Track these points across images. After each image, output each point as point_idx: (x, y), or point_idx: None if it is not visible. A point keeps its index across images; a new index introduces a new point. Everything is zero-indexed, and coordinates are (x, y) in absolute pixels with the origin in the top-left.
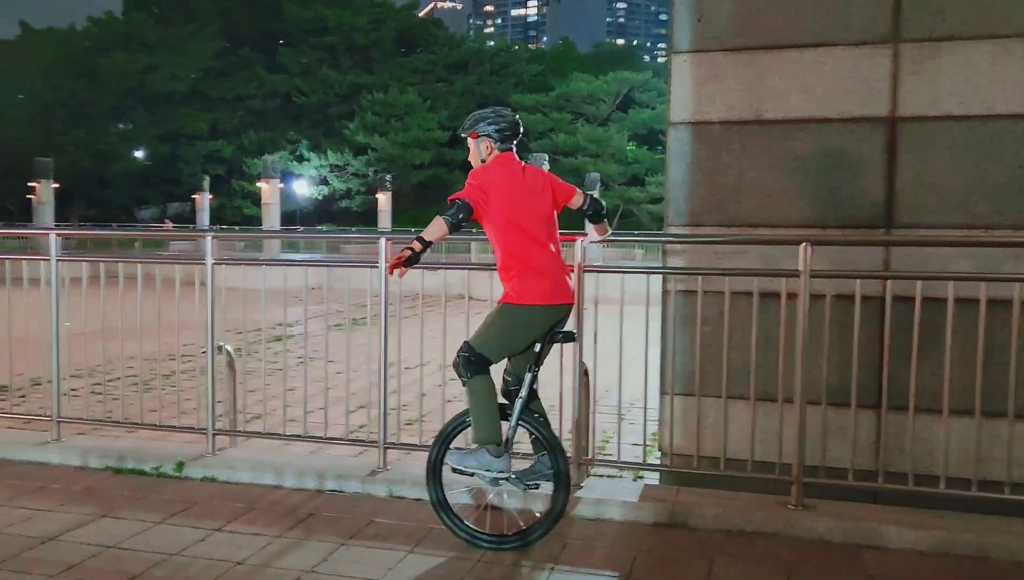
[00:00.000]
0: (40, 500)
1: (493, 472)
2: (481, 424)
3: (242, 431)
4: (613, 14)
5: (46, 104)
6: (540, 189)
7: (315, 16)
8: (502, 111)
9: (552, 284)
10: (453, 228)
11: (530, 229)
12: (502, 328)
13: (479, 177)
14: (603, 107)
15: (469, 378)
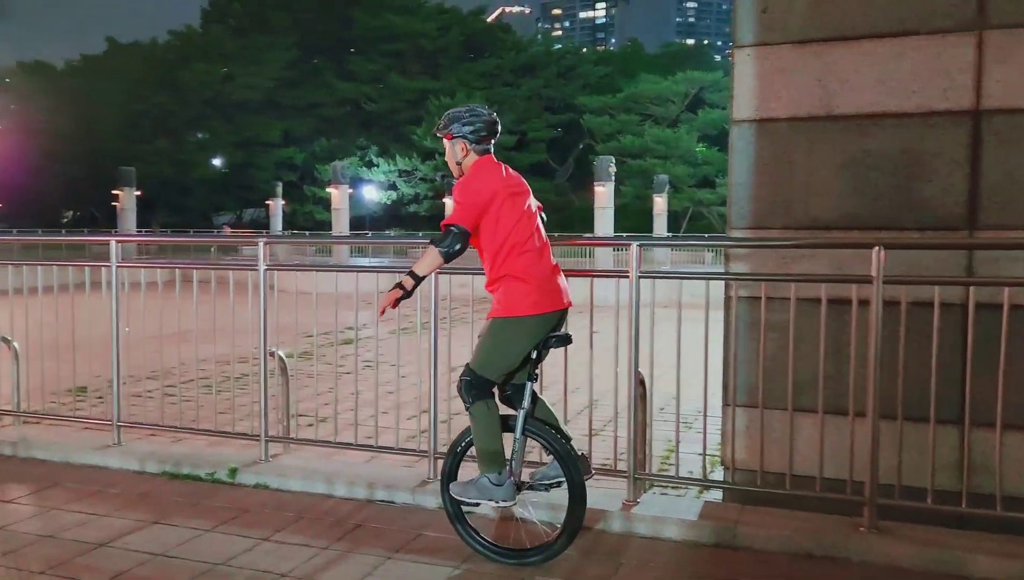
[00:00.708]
0: (97, 505)
1: (496, 501)
2: (482, 451)
3: (294, 438)
4: (683, 13)
5: (131, 115)
6: (523, 191)
7: (384, 24)
8: (477, 110)
9: (538, 292)
10: (448, 258)
11: (516, 235)
12: (495, 346)
13: (469, 191)
14: (672, 108)
15: (471, 403)
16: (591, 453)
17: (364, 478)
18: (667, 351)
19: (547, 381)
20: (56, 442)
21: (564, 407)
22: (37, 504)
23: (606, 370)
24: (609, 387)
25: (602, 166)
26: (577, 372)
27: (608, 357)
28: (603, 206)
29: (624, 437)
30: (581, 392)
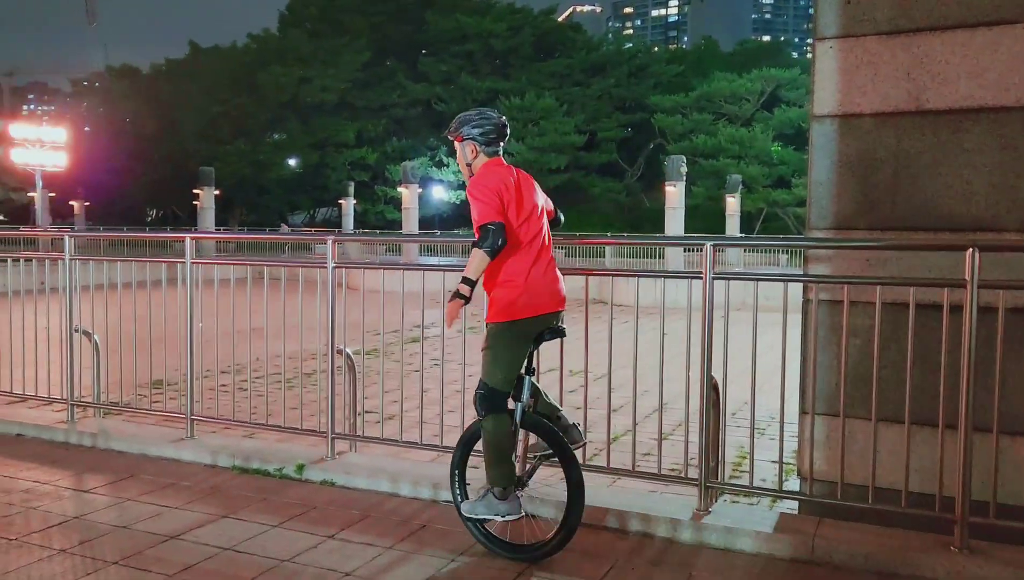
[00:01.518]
0: (169, 497)
1: (501, 516)
2: (490, 466)
3: (361, 436)
4: (759, 10)
5: (212, 117)
6: (530, 192)
7: (456, 25)
8: (487, 113)
9: (528, 295)
10: (494, 256)
11: (521, 235)
12: (496, 356)
13: (489, 188)
14: (747, 106)
15: (483, 416)
16: (660, 459)
17: (429, 478)
18: (739, 355)
19: (616, 382)
20: (134, 434)
21: (633, 410)
22: (113, 495)
23: (678, 373)
24: (679, 391)
25: (673, 166)
26: (648, 375)
27: (679, 360)
28: (674, 206)
29: (695, 443)
30: (651, 395)
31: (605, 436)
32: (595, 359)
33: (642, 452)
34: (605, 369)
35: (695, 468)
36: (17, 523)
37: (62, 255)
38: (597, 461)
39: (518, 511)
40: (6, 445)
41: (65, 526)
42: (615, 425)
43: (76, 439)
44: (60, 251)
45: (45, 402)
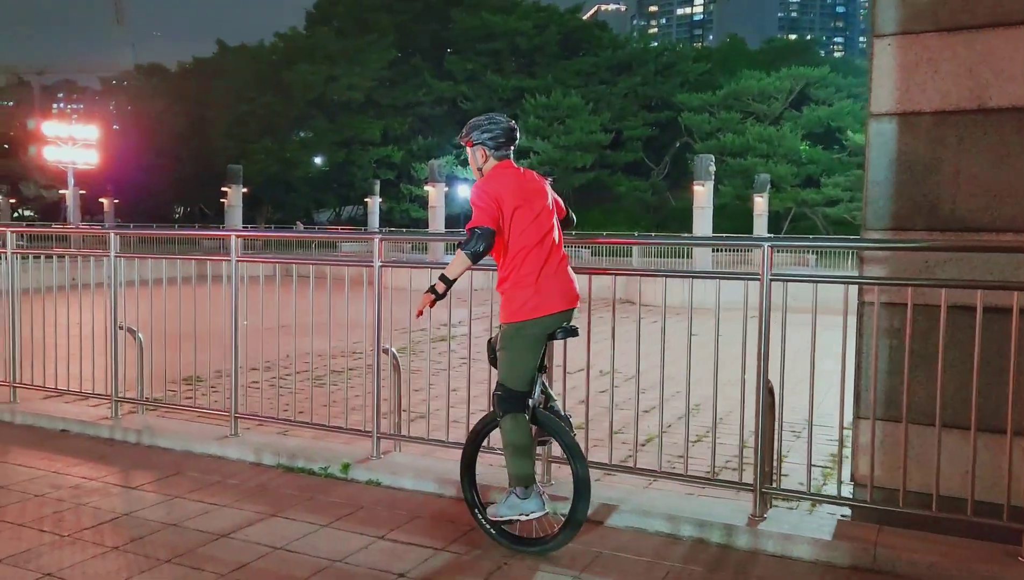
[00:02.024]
0: (217, 495)
1: (527, 514)
2: (513, 463)
3: (405, 435)
4: (785, 8)
5: (239, 115)
6: (539, 193)
7: (482, 23)
8: (496, 118)
9: (539, 296)
10: (476, 260)
11: (525, 237)
12: (511, 355)
13: (488, 193)
14: (775, 105)
15: (501, 416)
16: (714, 461)
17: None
18: (791, 358)
19: (671, 390)
20: (178, 431)
21: (686, 413)
22: (161, 492)
23: (732, 376)
24: (731, 394)
25: (702, 165)
26: (702, 381)
27: (732, 363)
28: (702, 206)
29: (734, 445)
30: (705, 398)
31: (638, 437)
32: (624, 359)
33: (675, 454)
34: (635, 369)
35: (747, 473)
36: (68, 519)
37: (107, 252)
38: (628, 462)
39: (542, 507)
40: (52, 440)
41: (116, 523)
42: (646, 426)
43: (121, 435)
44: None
45: (87, 398)
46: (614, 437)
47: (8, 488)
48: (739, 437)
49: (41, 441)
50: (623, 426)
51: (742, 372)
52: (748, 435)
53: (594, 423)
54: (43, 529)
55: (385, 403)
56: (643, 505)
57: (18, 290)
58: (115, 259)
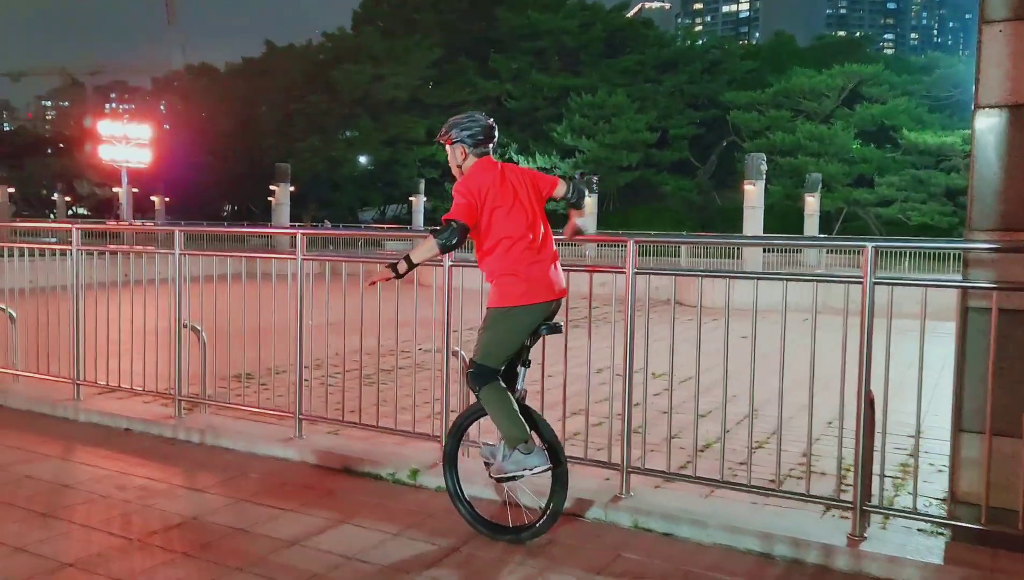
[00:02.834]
0: (283, 499)
1: (531, 468)
2: (505, 427)
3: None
4: (834, 5)
5: (288, 114)
6: (521, 187)
7: (527, 22)
8: (475, 116)
9: (528, 283)
10: (444, 250)
11: (511, 230)
12: (492, 336)
13: (467, 190)
14: (827, 103)
15: (479, 390)
16: (809, 478)
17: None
18: (877, 366)
19: (762, 397)
20: (242, 432)
21: (779, 426)
22: (227, 495)
23: (825, 388)
24: (768, 398)
25: (753, 164)
26: (794, 390)
27: (827, 371)
28: (752, 205)
29: (828, 458)
30: (739, 401)
31: (697, 443)
32: (684, 360)
33: (736, 461)
34: (711, 374)
35: (840, 488)
36: (136, 522)
37: (171, 250)
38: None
39: (546, 462)
40: (115, 439)
41: (184, 527)
42: (706, 431)
43: (184, 435)
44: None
45: (155, 397)
46: (671, 442)
47: (75, 487)
48: (838, 451)
49: (105, 439)
50: (678, 430)
51: (842, 382)
52: (824, 447)
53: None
54: (112, 532)
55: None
56: (732, 521)
57: (83, 286)
58: (180, 256)
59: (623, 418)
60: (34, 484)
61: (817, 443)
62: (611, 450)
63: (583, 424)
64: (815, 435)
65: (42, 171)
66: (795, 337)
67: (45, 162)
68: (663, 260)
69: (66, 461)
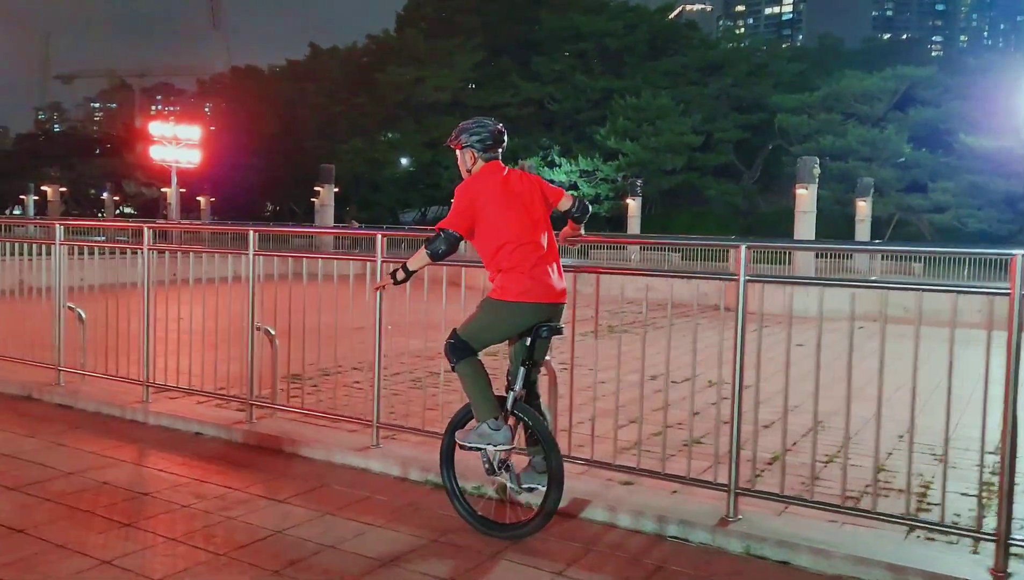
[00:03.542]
0: (368, 513)
1: (495, 444)
2: (476, 402)
3: (578, 458)
4: (880, 7)
5: (331, 116)
6: (525, 192)
7: (570, 24)
8: (483, 121)
9: (532, 282)
10: (436, 260)
11: (515, 234)
12: (484, 320)
13: (465, 193)
14: (878, 106)
15: (456, 362)
16: (944, 501)
17: (653, 509)
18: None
19: (890, 410)
20: (318, 439)
21: (909, 442)
22: (310, 507)
23: (966, 406)
24: (835, 409)
25: (805, 167)
26: (930, 404)
27: (964, 386)
28: (805, 210)
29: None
30: (806, 412)
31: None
32: (772, 368)
33: (809, 475)
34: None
35: (973, 515)
36: (219, 535)
37: (245, 250)
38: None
39: (511, 440)
40: (188, 444)
41: (270, 542)
42: (768, 443)
43: (257, 441)
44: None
45: (228, 400)
46: (775, 459)
47: (154, 496)
48: (978, 476)
49: (177, 444)
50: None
51: (984, 402)
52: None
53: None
54: (196, 545)
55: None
56: (857, 550)
57: (153, 287)
58: (253, 257)
59: (731, 434)
60: (112, 492)
61: (890, 458)
62: (716, 469)
63: (673, 436)
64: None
65: (91, 171)
66: (898, 349)
67: (94, 162)
68: (708, 265)
69: (140, 467)
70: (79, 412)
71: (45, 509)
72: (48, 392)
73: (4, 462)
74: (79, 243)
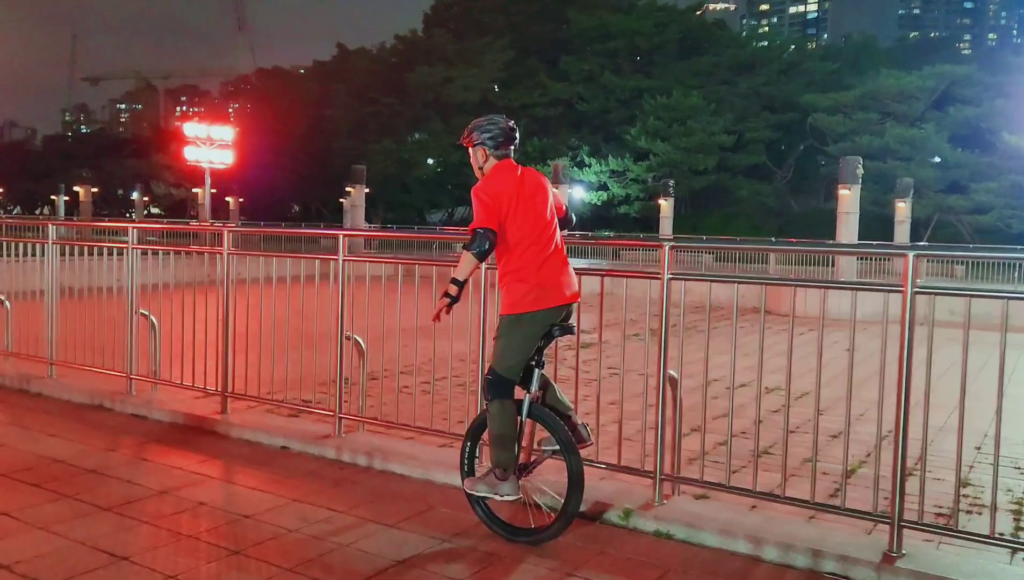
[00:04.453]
0: (490, 541)
1: (500, 496)
2: (496, 447)
3: (689, 479)
4: (907, 5)
5: (359, 116)
6: (538, 192)
7: (599, 23)
8: (495, 119)
9: (538, 290)
10: (481, 259)
11: (528, 234)
12: (507, 344)
13: (487, 192)
14: (916, 105)
15: (489, 400)
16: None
17: (804, 541)
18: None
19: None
20: (413, 456)
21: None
22: (425, 533)
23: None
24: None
25: (848, 167)
26: (976, 412)
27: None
28: (847, 211)
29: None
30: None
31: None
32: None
33: (829, 485)
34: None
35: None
36: (338, 567)
37: (335, 255)
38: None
39: (516, 492)
40: (276, 460)
41: (392, 573)
42: (839, 455)
43: (349, 458)
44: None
45: (313, 413)
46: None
47: (255, 519)
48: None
49: (264, 459)
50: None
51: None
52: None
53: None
54: (317, 579)
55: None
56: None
57: (233, 293)
58: (343, 262)
59: (895, 463)
60: (211, 514)
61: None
62: (876, 499)
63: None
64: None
65: (120, 172)
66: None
67: (124, 163)
68: (744, 267)
69: (231, 485)
70: (155, 423)
71: (145, 533)
72: (120, 401)
73: (90, 479)
74: (154, 247)
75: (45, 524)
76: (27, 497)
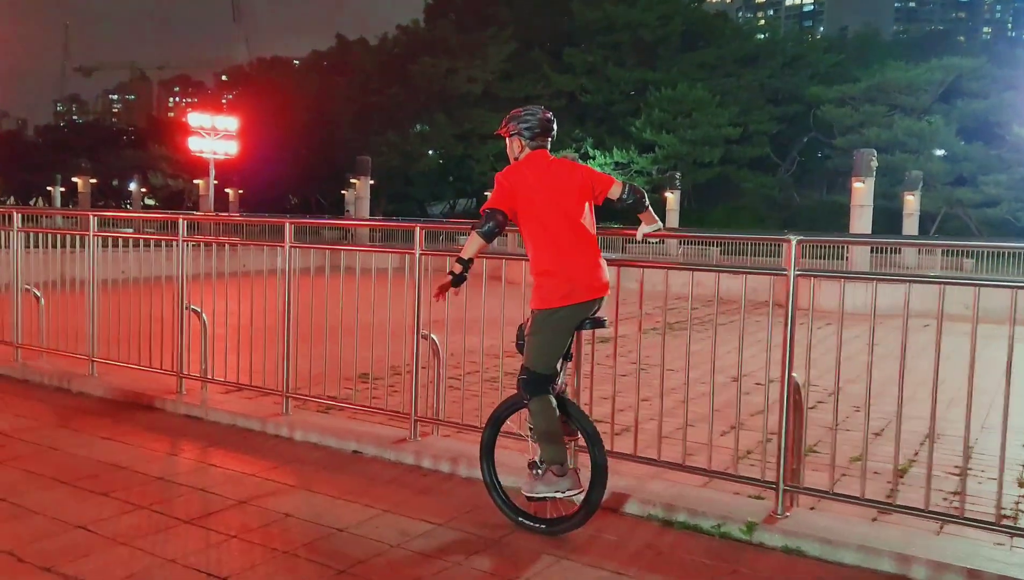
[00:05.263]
0: (601, 556)
1: (562, 492)
2: (545, 444)
3: (813, 490)
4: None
5: (361, 108)
6: (566, 184)
7: (603, 15)
8: (532, 109)
9: (569, 284)
10: (488, 239)
11: (552, 227)
12: (539, 340)
13: (506, 177)
14: (924, 98)
15: (528, 399)
16: None
17: (957, 559)
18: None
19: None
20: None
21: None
22: (532, 546)
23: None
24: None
25: (863, 160)
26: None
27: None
28: (861, 204)
29: None
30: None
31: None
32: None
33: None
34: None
35: None
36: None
37: (413, 249)
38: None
39: (578, 485)
40: (349, 466)
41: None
42: (887, 454)
43: (430, 464)
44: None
45: (391, 416)
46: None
47: (350, 533)
48: None
49: (338, 466)
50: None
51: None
52: None
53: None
54: None
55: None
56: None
57: (296, 293)
58: (420, 257)
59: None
60: (302, 527)
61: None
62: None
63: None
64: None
65: (117, 163)
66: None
67: (120, 154)
68: (758, 260)
69: (312, 493)
70: (211, 425)
71: (237, 549)
72: (172, 401)
73: (160, 487)
74: (206, 239)
75: (127, 539)
76: (99, 508)
